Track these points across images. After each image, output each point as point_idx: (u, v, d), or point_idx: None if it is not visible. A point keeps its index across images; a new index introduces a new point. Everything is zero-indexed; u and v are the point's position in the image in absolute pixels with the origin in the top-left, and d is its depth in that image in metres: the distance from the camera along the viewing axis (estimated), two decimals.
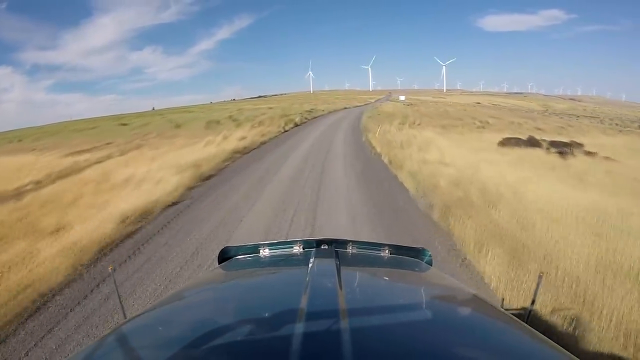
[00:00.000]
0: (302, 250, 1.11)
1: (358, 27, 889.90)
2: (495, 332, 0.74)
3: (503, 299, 2.78)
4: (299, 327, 0.60)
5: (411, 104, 53.24)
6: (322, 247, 1.10)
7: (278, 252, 1.16)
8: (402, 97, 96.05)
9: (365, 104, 73.80)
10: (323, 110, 37.88)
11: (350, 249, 1.14)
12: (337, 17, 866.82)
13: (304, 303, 0.69)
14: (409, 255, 1.18)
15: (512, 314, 0.83)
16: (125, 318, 0.86)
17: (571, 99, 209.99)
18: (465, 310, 0.86)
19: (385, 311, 0.75)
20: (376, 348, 0.59)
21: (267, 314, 0.73)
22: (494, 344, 0.68)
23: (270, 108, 46.64)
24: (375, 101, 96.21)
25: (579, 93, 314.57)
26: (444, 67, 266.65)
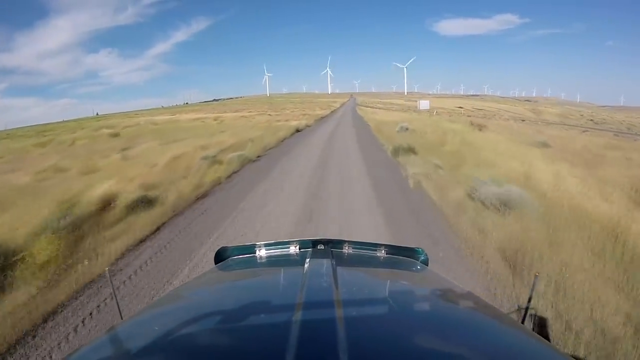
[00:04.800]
0: (298, 250, 1.12)
1: (315, 29, 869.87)
2: (491, 332, 0.73)
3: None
4: (295, 326, 0.59)
5: (482, 125, 17.91)
6: (318, 247, 1.11)
7: (274, 252, 1.16)
8: (425, 104, 55.29)
9: (332, 111, 51.18)
10: (219, 164, 8.96)
11: (346, 249, 1.14)
12: (295, 20, 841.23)
13: (299, 302, 0.68)
14: (405, 256, 1.18)
15: (508, 313, 0.84)
16: (122, 318, 0.88)
17: (527, 100, 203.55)
18: (460, 310, 0.85)
19: (380, 310, 0.76)
20: (372, 347, 0.59)
21: (262, 314, 0.72)
22: (489, 343, 0.67)
23: (123, 129, 23.70)
24: (341, 106, 74.65)
25: (534, 94, 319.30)
26: (405, 70, 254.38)
